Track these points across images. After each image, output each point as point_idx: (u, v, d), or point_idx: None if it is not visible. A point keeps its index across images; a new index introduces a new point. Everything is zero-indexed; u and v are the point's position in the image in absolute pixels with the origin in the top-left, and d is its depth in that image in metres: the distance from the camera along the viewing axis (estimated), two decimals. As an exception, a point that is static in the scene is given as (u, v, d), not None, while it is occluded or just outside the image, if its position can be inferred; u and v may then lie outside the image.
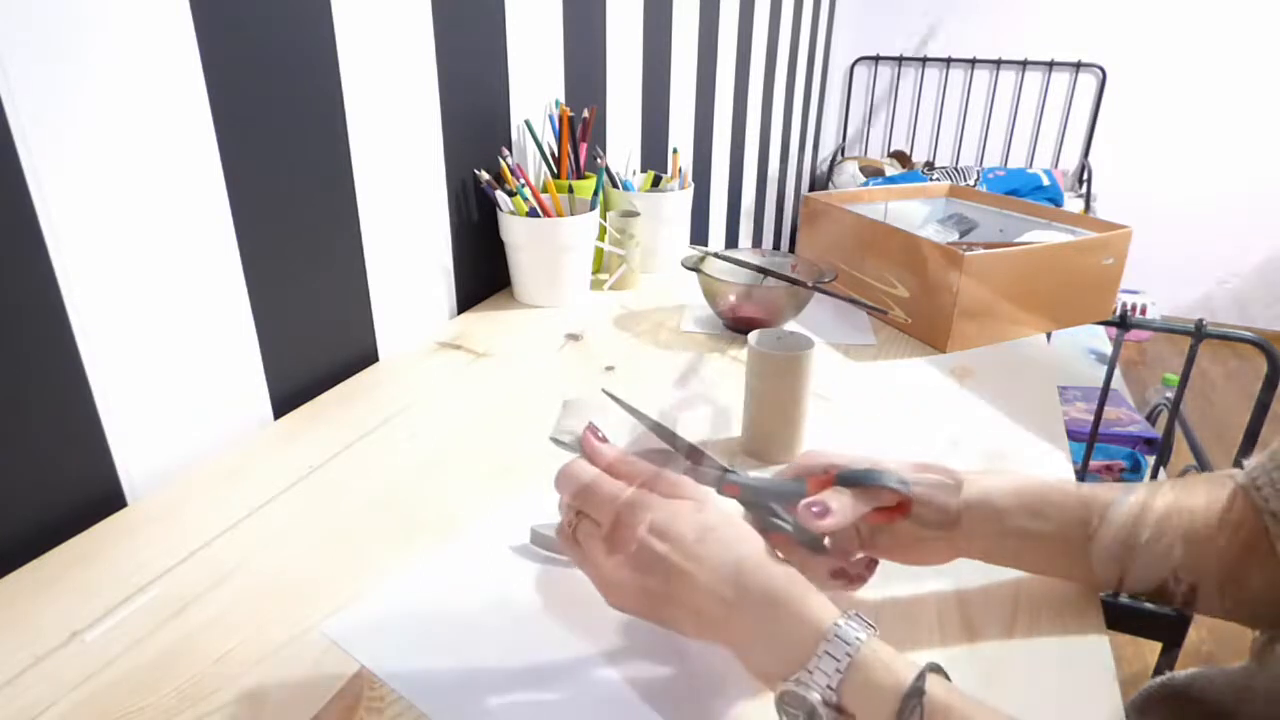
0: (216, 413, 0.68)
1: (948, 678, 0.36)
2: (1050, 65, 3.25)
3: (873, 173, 3.16)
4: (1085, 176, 3.20)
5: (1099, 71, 3.19)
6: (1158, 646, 1.28)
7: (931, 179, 2.92)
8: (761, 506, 0.48)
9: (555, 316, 0.98)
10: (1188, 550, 0.45)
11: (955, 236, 1.13)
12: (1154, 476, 1.45)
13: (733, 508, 0.46)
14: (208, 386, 0.67)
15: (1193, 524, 0.45)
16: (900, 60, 3.44)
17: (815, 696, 0.35)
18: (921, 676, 0.34)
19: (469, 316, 0.99)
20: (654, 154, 1.58)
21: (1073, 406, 2.11)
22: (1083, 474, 1.41)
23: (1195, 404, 2.68)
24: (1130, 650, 1.52)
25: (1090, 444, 1.35)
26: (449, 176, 0.94)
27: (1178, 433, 1.37)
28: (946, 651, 0.47)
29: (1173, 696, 0.57)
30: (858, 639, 0.35)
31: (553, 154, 1.09)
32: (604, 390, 0.53)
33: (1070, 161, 3.35)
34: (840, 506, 0.44)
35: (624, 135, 1.43)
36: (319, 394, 0.77)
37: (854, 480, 0.45)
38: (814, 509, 0.43)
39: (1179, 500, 0.47)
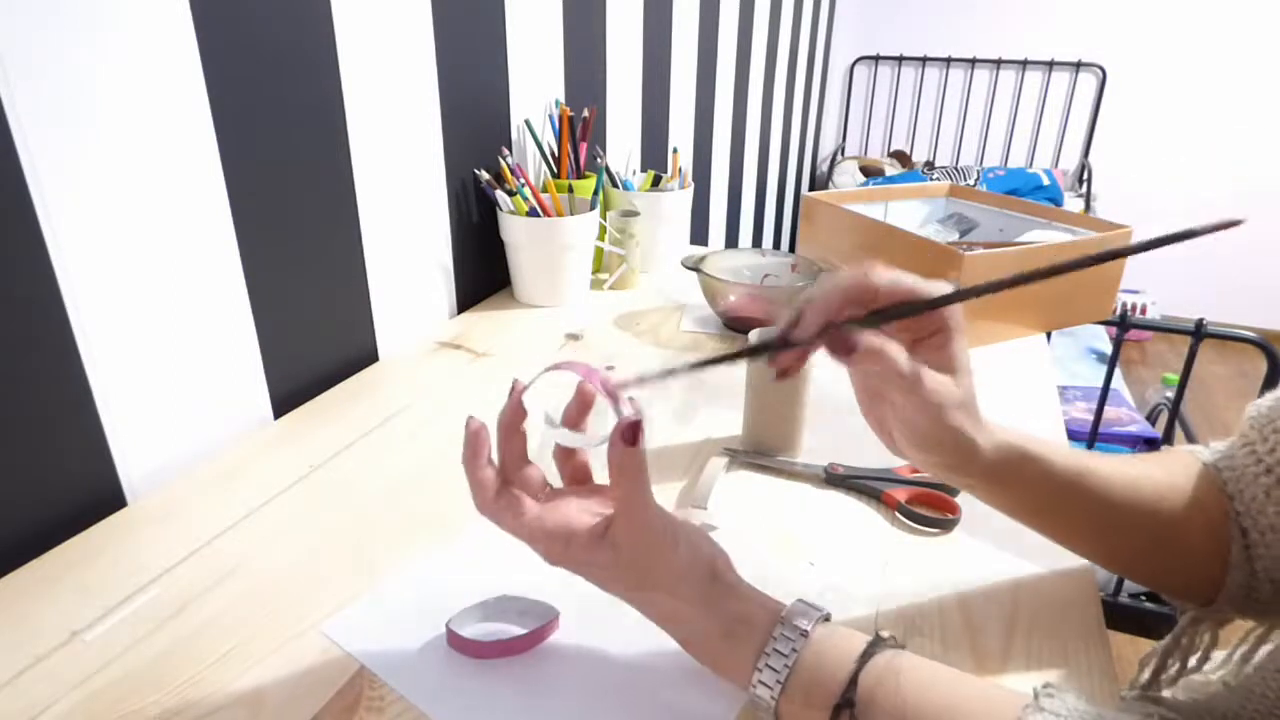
0: (216, 413, 0.68)
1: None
2: (1050, 65, 3.25)
3: (873, 173, 3.16)
4: (1085, 176, 3.20)
5: (1099, 71, 3.19)
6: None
7: (931, 179, 2.92)
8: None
9: (555, 316, 0.98)
10: (1151, 517, 0.45)
11: (955, 236, 1.13)
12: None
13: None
14: (207, 386, 0.67)
15: (1163, 494, 0.46)
16: (900, 60, 3.44)
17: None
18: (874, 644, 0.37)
19: (469, 316, 0.99)
20: (654, 154, 1.58)
21: (1073, 406, 2.11)
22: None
23: (1195, 404, 2.68)
24: (1130, 650, 1.51)
25: (1090, 444, 1.35)
26: (449, 176, 0.94)
27: (1178, 432, 1.37)
28: (946, 651, 0.47)
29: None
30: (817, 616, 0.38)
31: (553, 154, 1.09)
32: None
33: (1070, 161, 3.35)
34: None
35: (624, 135, 1.43)
36: (319, 394, 0.77)
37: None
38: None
39: (1153, 472, 0.47)
